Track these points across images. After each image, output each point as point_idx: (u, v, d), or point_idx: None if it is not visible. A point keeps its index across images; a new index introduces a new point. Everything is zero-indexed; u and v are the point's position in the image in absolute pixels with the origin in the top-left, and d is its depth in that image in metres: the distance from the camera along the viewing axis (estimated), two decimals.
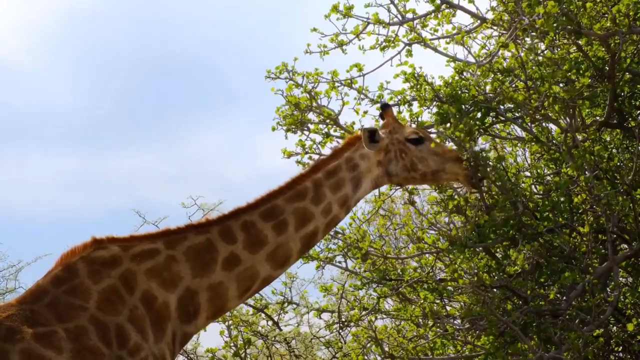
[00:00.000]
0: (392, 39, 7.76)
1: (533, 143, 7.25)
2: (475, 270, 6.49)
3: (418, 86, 7.05)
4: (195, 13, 26.99)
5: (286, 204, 5.35)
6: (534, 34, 6.83)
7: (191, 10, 26.55)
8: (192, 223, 5.27)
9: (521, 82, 6.70)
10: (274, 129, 7.53)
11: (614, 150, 7.09)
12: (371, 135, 5.66)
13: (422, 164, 5.79)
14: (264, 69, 7.71)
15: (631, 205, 6.45)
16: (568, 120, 6.74)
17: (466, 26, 7.85)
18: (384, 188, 7.45)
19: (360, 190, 5.64)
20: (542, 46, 7.06)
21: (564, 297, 6.49)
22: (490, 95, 6.76)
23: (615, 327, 6.93)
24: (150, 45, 28.40)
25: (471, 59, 7.64)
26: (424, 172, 5.80)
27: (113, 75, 27.13)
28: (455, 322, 6.79)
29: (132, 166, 24.10)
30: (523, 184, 6.73)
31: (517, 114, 6.98)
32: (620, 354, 6.96)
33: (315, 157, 7.48)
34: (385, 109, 5.96)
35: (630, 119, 7.25)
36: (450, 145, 6.49)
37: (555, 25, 6.34)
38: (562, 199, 6.61)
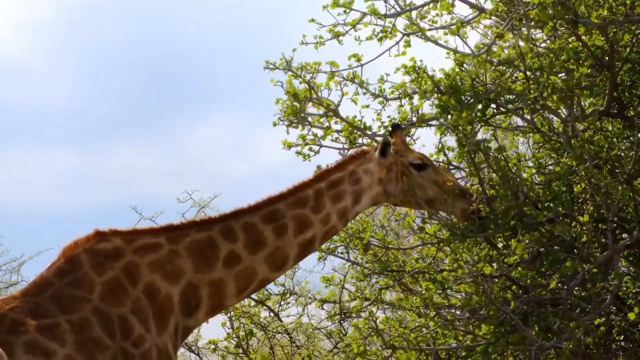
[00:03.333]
0: (390, 29, 7.73)
1: (534, 133, 7.26)
2: (476, 260, 6.51)
3: (419, 79, 7.06)
4: (195, 13, 26.98)
5: (287, 209, 5.45)
6: (531, 24, 6.82)
7: (191, 10, 26.54)
8: (193, 220, 5.37)
9: (521, 73, 6.70)
10: (275, 124, 7.52)
11: (614, 140, 7.09)
12: (384, 147, 5.75)
13: (419, 190, 5.89)
14: (264, 69, 7.71)
15: (631, 194, 6.46)
16: (567, 110, 6.74)
17: (465, 17, 7.82)
18: None
19: (359, 205, 5.77)
20: (541, 36, 7.04)
21: (565, 287, 6.50)
22: (490, 86, 6.76)
23: (616, 316, 6.95)
24: (150, 45, 28.39)
25: (468, 50, 7.62)
26: (419, 198, 5.90)
27: (113, 75, 27.13)
28: (456, 313, 6.80)
29: (132, 165, 24.13)
30: (524, 174, 6.74)
31: (518, 105, 6.97)
32: (622, 343, 6.99)
33: (316, 148, 7.50)
34: (395, 129, 6.04)
35: (630, 108, 7.24)
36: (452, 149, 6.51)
37: (551, 13, 6.34)
38: (563, 189, 6.63)
